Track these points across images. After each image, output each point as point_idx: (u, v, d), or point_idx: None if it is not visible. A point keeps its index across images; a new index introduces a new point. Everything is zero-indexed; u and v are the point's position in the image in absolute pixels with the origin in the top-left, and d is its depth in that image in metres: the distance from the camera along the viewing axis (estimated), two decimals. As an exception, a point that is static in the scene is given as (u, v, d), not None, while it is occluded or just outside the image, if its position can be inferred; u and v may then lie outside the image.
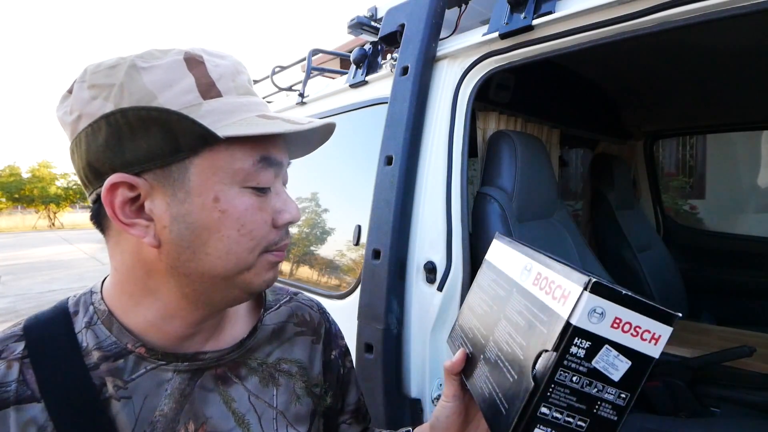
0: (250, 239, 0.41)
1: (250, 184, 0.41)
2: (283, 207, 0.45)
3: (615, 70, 1.63)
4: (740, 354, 1.22)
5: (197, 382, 0.45)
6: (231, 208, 0.40)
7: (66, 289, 6.33)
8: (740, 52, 1.36)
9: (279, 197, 0.45)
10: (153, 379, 0.43)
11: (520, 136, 1.22)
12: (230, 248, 0.40)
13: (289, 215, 0.45)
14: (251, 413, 0.47)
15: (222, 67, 0.42)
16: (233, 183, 0.40)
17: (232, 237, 0.40)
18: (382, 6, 1.26)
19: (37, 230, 20.50)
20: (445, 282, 0.97)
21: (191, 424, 0.44)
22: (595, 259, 1.40)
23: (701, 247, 2.17)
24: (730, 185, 3.25)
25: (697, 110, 1.98)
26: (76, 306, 0.44)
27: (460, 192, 1.01)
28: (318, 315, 0.60)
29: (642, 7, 0.76)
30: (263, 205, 0.43)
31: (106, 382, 0.41)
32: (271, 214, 0.43)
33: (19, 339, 0.41)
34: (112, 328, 0.42)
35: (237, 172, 0.40)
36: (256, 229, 0.42)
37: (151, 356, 0.43)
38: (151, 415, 0.42)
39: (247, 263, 0.42)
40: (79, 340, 0.42)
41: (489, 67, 1.01)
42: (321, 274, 1.41)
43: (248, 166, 0.41)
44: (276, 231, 0.44)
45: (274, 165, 0.43)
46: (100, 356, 0.41)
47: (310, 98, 1.58)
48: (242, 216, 0.41)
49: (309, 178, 1.56)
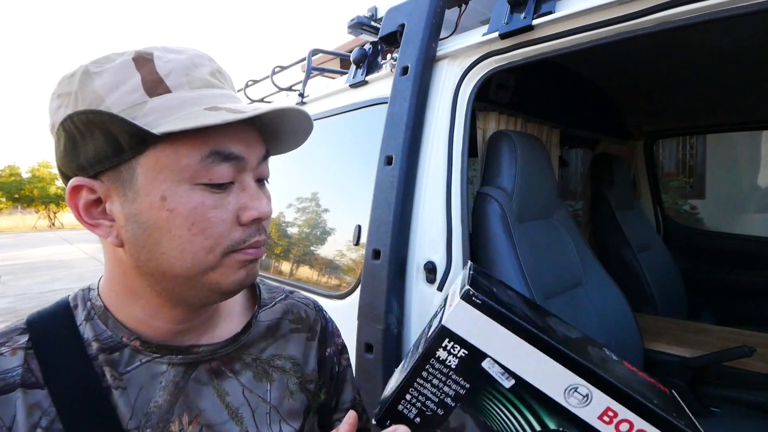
0: (205, 238, 0.40)
1: (201, 180, 0.39)
2: (249, 203, 0.42)
3: (615, 70, 1.63)
4: (740, 354, 1.22)
5: (191, 375, 0.46)
6: (179, 207, 0.39)
7: (66, 288, 6.33)
8: (740, 52, 1.36)
9: (246, 193, 0.42)
10: (148, 371, 0.44)
11: (520, 136, 1.22)
12: (183, 248, 0.39)
13: (256, 212, 0.42)
14: (245, 407, 0.48)
15: (174, 62, 0.41)
16: (181, 181, 0.39)
17: (183, 236, 0.39)
18: (382, 6, 1.26)
19: (37, 230, 20.50)
20: (445, 282, 0.97)
21: (185, 416, 0.44)
22: (595, 259, 1.40)
23: (701, 247, 2.17)
24: (730, 185, 3.25)
25: (697, 110, 1.98)
26: (75, 301, 0.46)
27: (460, 192, 1.01)
28: (314, 312, 0.60)
29: (642, 7, 0.76)
30: (221, 202, 0.40)
31: (105, 372, 0.42)
32: (235, 211, 0.41)
33: (23, 332, 0.42)
34: (107, 323, 0.44)
35: (184, 169, 0.39)
36: (210, 227, 0.40)
37: (145, 349, 0.44)
38: (146, 406, 0.43)
39: (208, 263, 0.40)
40: (81, 332, 0.43)
41: (489, 67, 1.01)
42: (321, 274, 1.41)
43: (195, 162, 0.39)
44: (242, 229, 0.42)
45: (231, 159, 0.40)
46: (98, 347, 0.43)
47: (310, 98, 1.58)
48: (191, 215, 0.39)
49: (309, 179, 1.56)
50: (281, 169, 1.55)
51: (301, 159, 1.60)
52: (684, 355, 1.35)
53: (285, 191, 1.60)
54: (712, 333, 1.50)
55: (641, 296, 1.78)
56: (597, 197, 1.94)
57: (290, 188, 1.59)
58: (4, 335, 0.42)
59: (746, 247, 2.03)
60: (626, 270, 1.81)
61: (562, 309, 1.14)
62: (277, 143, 0.49)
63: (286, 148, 0.51)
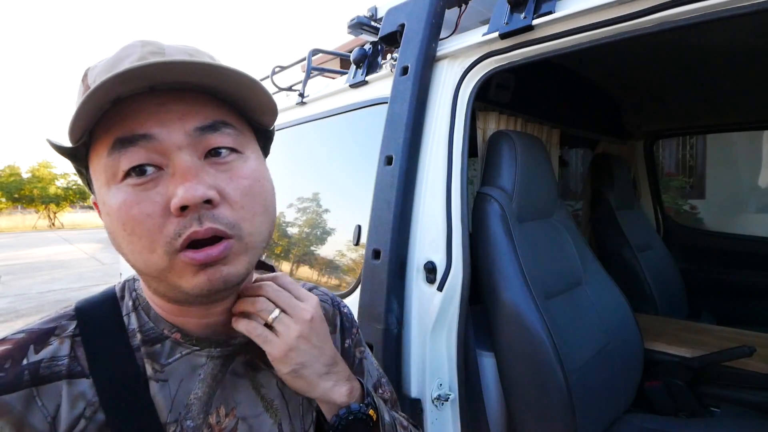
0: (139, 237, 0.37)
1: (120, 176, 0.37)
2: (174, 188, 0.36)
3: (615, 70, 1.63)
4: (740, 354, 1.22)
5: (229, 368, 0.46)
6: (110, 210, 0.38)
7: (66, 289, 6.33)
8: (740, 52, 1.36)
9: (174, 178, 0.37)
10: (188, 363, 0.44)
11: (520, 136, 1.22)
12: (131, 248, 0.38)
13: (177, 198, 0.35)
14: (279, 399, 0.49)
15: (99, 66, 0.40)
16: (107, 182, 0.38)
17: (124, 238, 0.37)
18: (382, 6, 1.26)
19: (37, 230, 20.50)
20: (445, 282, 0.97)
21: (222, 408, 0.45)
22: (595, 259, 1.40)
23: (701, 247, 2.17)
24: (730, 185, 3.25)
25: (697, 110, 1.98)
26: (122, 291, 0.47)
27: (460, 192, 1.01)
28: (332, 306, 0.61)
29: (642, 7, 0.76)
30: (145, 195, 0.36)
31: (146, 364, 0.42)
32: (163, 202, 0.36)
33: (72, 318, 0.43)
34: (150, 314, 0.45)
35: (104, 170, 0.37)
36: (138, 225, 0.36)
37: (186, 342, 0.44)
38: (186, 398, 0.43)
39: (157, 264, 0.37)
40: (126, 323, 0.44)
41: (489, 67, 1.01)
42: (321, 274, 1.41)
43: (106, 158, 0.37)
44: (177, 220, 0.36)
45: (136, 141, 0.36)
46: (141, 339, 0.43)
47: (310, 98, 1.58)
48: (119, 215, 0.37)
49: (309, 179, 1.56)
50: (281, 169, 1.55)
51: (301, 159, 1.60)
52: (684, 355, 1.35)
53: (285, 191, 1.60)
54: (712, 333, 1.50)
55: (641, 296, 1.78)
56: (597, 197, 1.94)
57: (290, 188, 1.58)
58: (54, 320, 0.42)
59: (746, 247, 2.03)
60: (626, 270, 1.81)
61: (562, 309, 1.14)
62: (248, 109, 0.43)
63: (260, 113, 0.43)
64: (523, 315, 1.00)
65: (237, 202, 0.39)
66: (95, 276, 7.38)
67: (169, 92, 0.38)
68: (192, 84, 0.38)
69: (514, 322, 1.01)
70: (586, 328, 1.19)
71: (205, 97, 0.39)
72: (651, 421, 1.20)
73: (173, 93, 0.38)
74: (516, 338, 1.01)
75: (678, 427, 1.16)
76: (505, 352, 1.04)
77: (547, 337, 0.98)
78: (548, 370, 0.98)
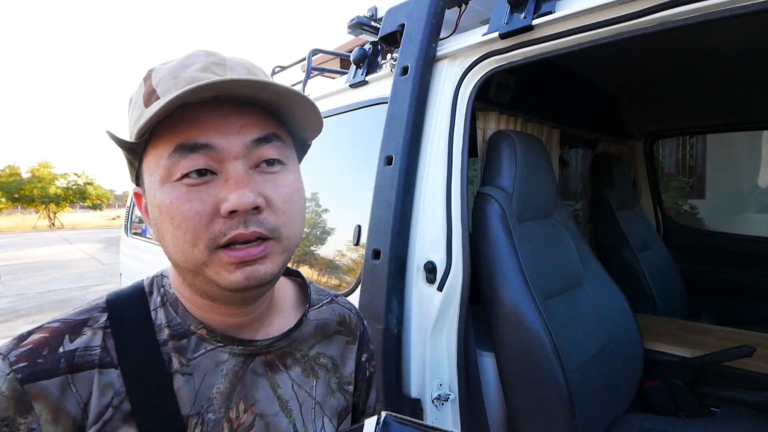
0: (185, 232, 0.40)
1: (176, 177, 0.40)
2: (226, 194, 0.39)
3: (615, 70, 1.63)
4: (740, 354, 1.22)
5: (249, 366, 0.48)
6: (162, 204, 0.40)
7: (66, 288, 6.33)
8: (740, 52, 1.36)
9: (227, 183, 0.40)
10: (212, 359, 0.46)
11: (520, 136, 1.22)
12: (174, 242, 0.41)
13: (228, 203, 0.39)
14: (293, 401, 0.50)
15: (164, 70, 0.42)
16: (163, 179, 0.40)
17: (170, 231, 0.40)
18: (382, 6, 1.26)
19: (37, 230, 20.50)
20: (445, 282, 0.97)
21: (241, 404, 0.46)
22: (595, 259, 1.40)
23: (701, 247, 2.17)
24: (730, 185, 3.25)
25: (697, 110, 1.98)
26: (150, 287, 0.49)
27: (460, 192, 1.01)
28: (356, 318, 0.62)
29: (642, 7, 0.76)
30: (197, 195, 0.40)
31: (172, 358, 0.44)
32: (214, 203, 0.40)
33: (103, 310, 0.45)
34: (177, 310, 0.47)
35: (162, 168, 0.40)
36: (186, 221, 0.39)
37: (211, 338, 0.46)
38: (209, 392, 0.45)
39: (196, 258, 0.40)
40: (153, 318, 0.46)
41: (489, 67, 1.01)
42: (321, 273, 1.41)
43: (166, 159, 0.40)
44: (223, 221, 0.40)
45: (198, 149, 0.39)
46: (168, 333, 0.45)
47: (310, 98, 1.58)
48: (170, 209, 0.40)
49: (309, 179, 1.55)
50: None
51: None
52: (684, 355, 1.35)
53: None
54: (712, 333, 1.51)
55: (641, 296, 1.78)
56: (597, 197, 1.94)
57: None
58: (87, 312, 0.44)
59: (746, 247, 2.03)
60: (626, 270, 1.81)
61: (562, 309, 1.14)
62: (294, 124, 0.47)
63: (305, 129, 0.47)
64: (523, 315, 1.00)
65: (279, 208, 0.43)
66: (95, 276, 7.37)
67: (231, 104, 0.41)
68: (251, 97, 0.42)
69: (514, 322, 1.01)
70: (586, 328, 1.19)
71: (261, 111, 0.43)
72: (651, 421, 1.20)
73: (234, 105, 0.42)
74: (516, 338, 1.01)
75: (678, 427, 1.16)
76: (505, 352, 1.04)
77: (547, 337, 0.98)
78: (548, 370, 0.98)
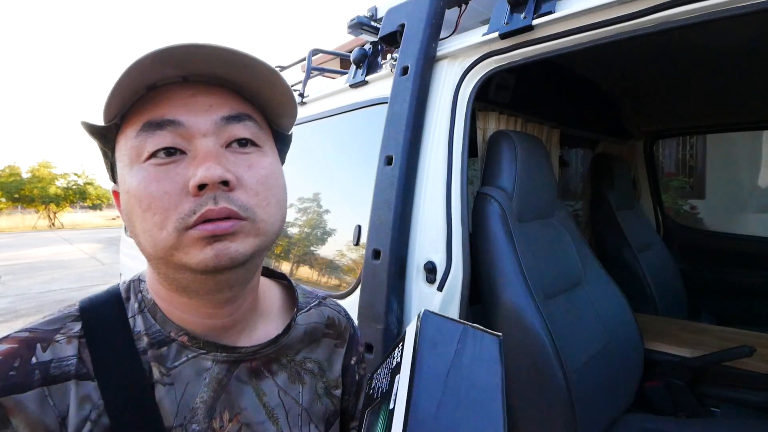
0: (153, 214, 0.38)
1: (144, 157, 0.38)
2: (194, 170, 0.38)
3: (615, 70, 1.63)
4: (740, 354, 1.22)
5: (234, 374, 0.46)
6: (131, 187, 0.39)
7: (66, 288, 6.32)
8: (740, 52, 1.36)
9: (195, 160, 0.38)
10: (194, 367, 0.44)
11: (520, 136, 1.21)
12: (143, 227, 0.39)
13: (195, 178, 0.37)
14: (280, 408, 0.48)
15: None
16: (131, 162, 0.39)
17: (139, 215, 0.38)
18: (382, 6, 1.26)
19: (37, 230, 20.49)
20: (445, 282, 0.97)
21: (226, 413, 0.44)
22: (595, 259, 1.40)
23: (701, 247, 2.17)
24: (730, 185, 3.25)
25: (697, 110, 1.98)
26: (127, 292, 0.46)
27: (460, 192, 1.01)
28: (345, 320, 0.61)
29: (642, 7, 0.76)
30: (166, 174, 0.38)
31: (152, 367, 0.42)
32: (182, 181, 0.38)
33: (77, 319, 0.42)
34: (156, 316, 0.44)
35: (130, 150, 0.39)
36: (154, 201, 0.37)
37: (192, 345, 0.44)
38: (192, 401, 0.43)
39: (165, 242, 0.38)
40: (132, 325, 0.43)
41: (489, 67, 1.01)
42: (321, 274, 1.41)
43: (133, 139, 0.39)
44: (192, 200, 0.37)
45: (165, 126, 0.38)
46: (148, 342, 0.43)
47: (310, 98, 1.58)
48: (138, 191, 0.38)
49: (309, 179, 1.56)
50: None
51: (301, 159, 1.60)
52: (684, 355, 1.35)
53: (285, 191, 1.60)
54: (712, 333, 1.51)
55: (641, 296, 1.78)
56: (597, 197, 1.94)
57: (290, 188, 1.58)
58: (59, 321, 0.42)
59: (746, 247, 2.03)
60: (626, 270, 1.81)
61: (562, 309, 1.14)
62: (267, 106, 0.45)
63: (279, 114, 0.46)
64: (523, 315, 1.00)
65: (252, 188, 0.40)
66: (95, 276, 7.37)
67: (201, 84, 0.41)
68: (222, 78, 0.41)
69: (513, 322, 1.01)
70: (586, 328, 1.19)
71: (232, 93, 0.42)
72: (651, 421, 1.20)
73: (204, 86, 0.41)
74: (516, 338, 1.01)
75: (678, 427, 1.16)
76: (505, 352, 1.04)
77: (547, 337, 0.98)
78: (548, 370, 0.98)
